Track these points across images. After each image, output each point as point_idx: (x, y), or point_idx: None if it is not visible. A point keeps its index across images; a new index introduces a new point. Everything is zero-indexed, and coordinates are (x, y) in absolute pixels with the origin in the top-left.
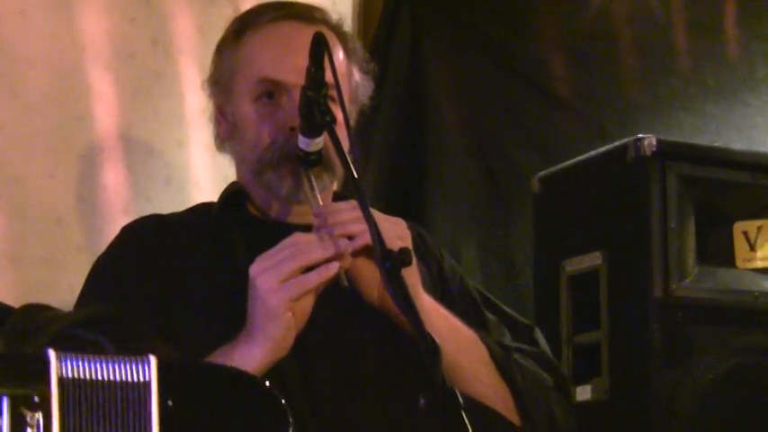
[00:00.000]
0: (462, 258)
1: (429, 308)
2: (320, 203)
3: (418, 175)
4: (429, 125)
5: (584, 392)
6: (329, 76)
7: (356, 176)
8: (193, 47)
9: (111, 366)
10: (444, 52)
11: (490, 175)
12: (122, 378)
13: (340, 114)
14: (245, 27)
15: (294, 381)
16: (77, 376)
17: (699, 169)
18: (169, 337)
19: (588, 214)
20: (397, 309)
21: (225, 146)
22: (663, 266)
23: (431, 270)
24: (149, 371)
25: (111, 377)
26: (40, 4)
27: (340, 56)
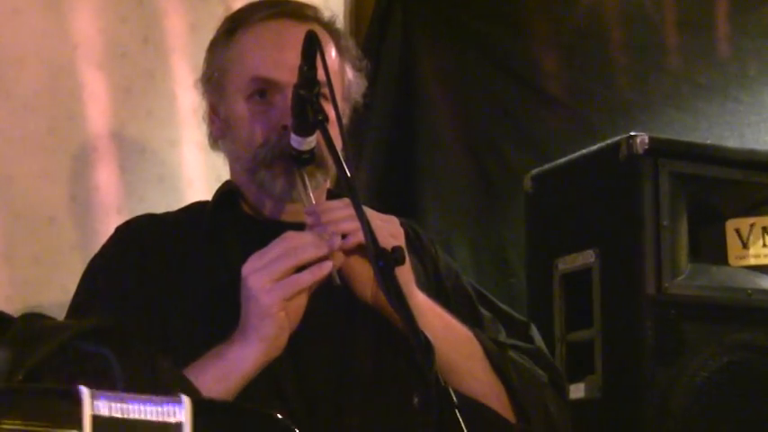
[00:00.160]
0: (455, 257)
1: (423, 306)
2: (313, 202)
3: (410, 174)
4: (421, 123)
5: (577, 390)
6: (322, 74)
7: (349, 175)
8: (185, 45)
9: (144, 406)
10: (436, 50)
11: (482, 173)
12: (156, 418)
13: (332, 112)
14: (237, 25)
15: (288, 380)
16: (110, 414)
17: (691, 167)
18: (164, 336)
19: (581, 212)
20: (391, 307)
21: (218, 144)
22: (656, 264)
23: (425, 267)
24: (183, 412)
25: (145, 416)
26: (32, 3)
27: (332, 54)
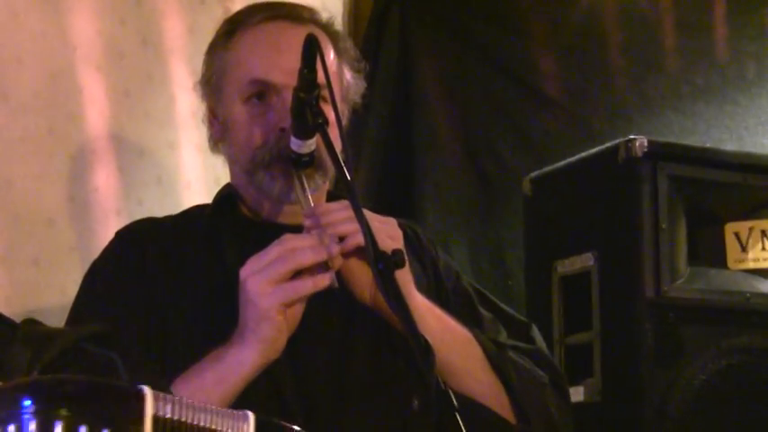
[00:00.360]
0: (453, 258)
1: (422, 308)
2: (311, 204)
3: (409, 175)
4: (419, 125)
5: (576, 393)
6: (321, 77)
7: (349, 178)
8: (184, 47)
9: (209, 415)
10: (434, 52)
11: (481, 175)
12: (220, 428)
13: (332, 114)
14: (234, 28)
15: (287, 383)
16: (172, 417)
17: (690, 170)
18: (164, 339)
19: (580, 215)
20: (390, 309)
21: (218, 147)
22: (654, 267)
23: (425, 268)
24: (248, 427)
25: (208, 425)
26: (31, 5)
27: (331, 56)
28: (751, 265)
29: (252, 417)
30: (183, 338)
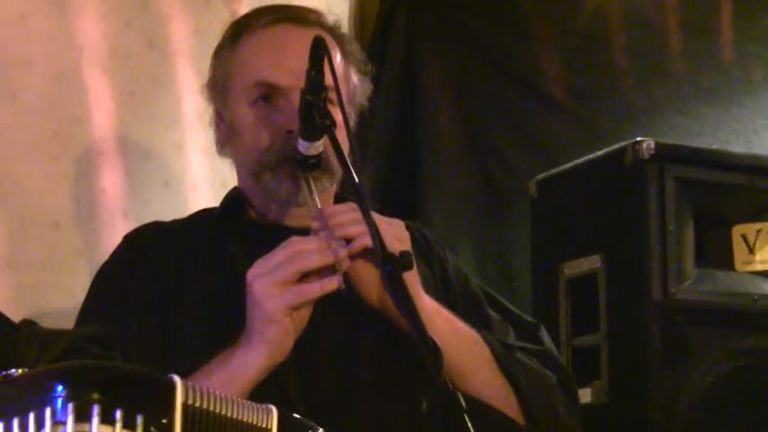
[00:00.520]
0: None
1: (430, 309)
2: (319, 206)
3: (414, 178)
4: (424, 127)
5: (583, 395)
6: (328, 79)
7: (356, 179)
8: (189, 49)
9: (236, 407)
10: (440, 54)
11: (486, 177)
12: (246, 419)
13: (339, 116)
14: (241, 31)
15: (293, 385)
16: (201, 406)
17: (697, 172)
18: (172, 342)
19: (586, 217)
20: (398, 311)
21: (225, 150)
22: (662, 269)
23: (432, 269)
24: (271, 420)
25: (236, 415)
26: (38, 7)
27: (338, 58)
28: (758, 267)
29: (275, 410)
30: (190, 341)
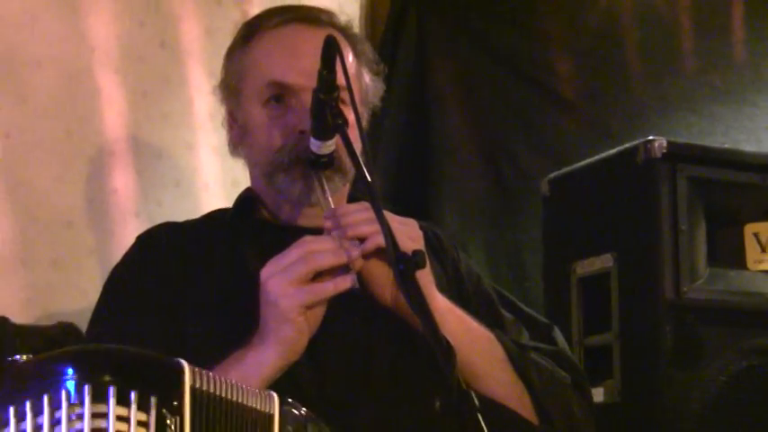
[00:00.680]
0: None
1: (443, 309)
2: (332, 205)
3: (425, 178)
4: (436, 127)
5: (596, 394)
6: (340, 78)
7: (369, 179)
8: (201, 49)
9: (241, 392)
10: (451, 55)
11: (497, 176)
12: (250, 404)
13: (351, 116)
14: (253, 31)
15: (308, 384)
16: (208, 389)
17: (709, 171)
18: (185, 342)
19: (598, 216)
20: (411, 310)
21: (237, 150)
22: (674, 268)
23: (446, 269)
24: (273, 406)
25: (241, 400)
26: (49, 8)
27: (350, 58)
28: None
29: (276, 397)
30: (203, 341)
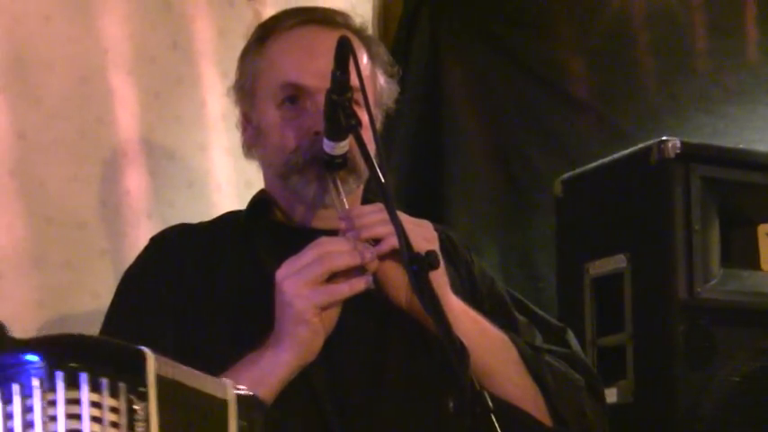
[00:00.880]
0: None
1: (457, 310)
2: (346, 207)
3: (438, 179)
4: (448, 128)
5: (609, 395)
6: (354, 80)
7: (383, 180)
8: (214, 50)
9: (199, 379)
10: (463, 56)
11: (510, 177)
12: (208, 391)
13: (365, 117)
14: (267, 33)
15: (321, 385)
16: (170, 376)
17: (723, 171)
18: (199, 344)
19: (611, 217)
20: (425, 311)
21: (251, 152)
22: (687, 269)
23: (459, 272)
24: (228, 391)
25: (200, 387)
26: (62, 9)
27: (364, 59)
28: None
29: (229, 383)
30: (218, 343)
